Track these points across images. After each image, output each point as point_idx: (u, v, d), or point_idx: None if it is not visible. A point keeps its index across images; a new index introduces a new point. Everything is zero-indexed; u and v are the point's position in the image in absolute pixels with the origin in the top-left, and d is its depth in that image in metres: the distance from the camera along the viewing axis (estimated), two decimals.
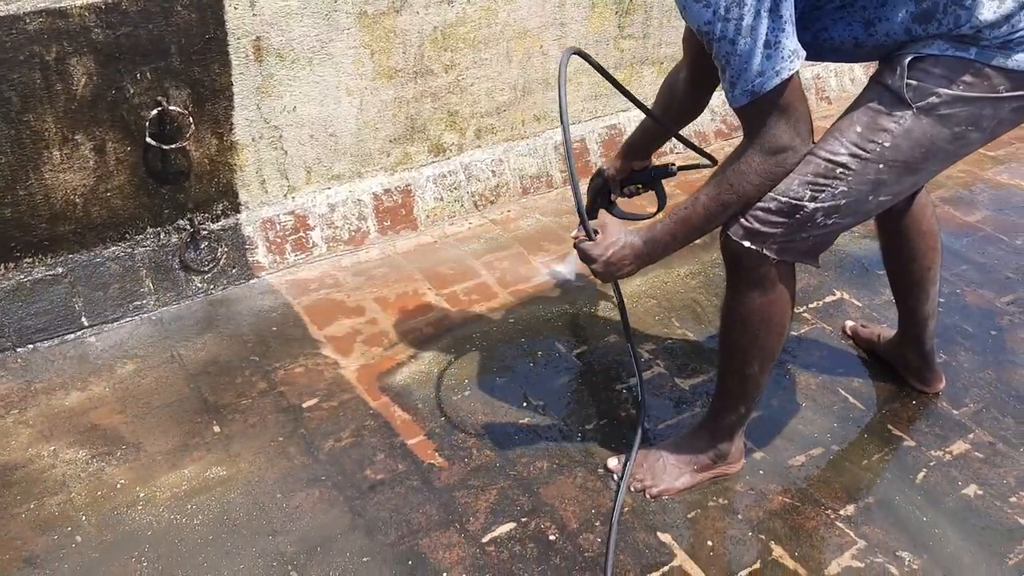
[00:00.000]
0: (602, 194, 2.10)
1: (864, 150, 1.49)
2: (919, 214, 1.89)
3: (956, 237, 2.74)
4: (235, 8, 2.21)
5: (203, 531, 1.74)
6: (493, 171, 2.85)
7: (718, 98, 3.29)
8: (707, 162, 1.89)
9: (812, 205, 1.51)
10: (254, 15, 2.24)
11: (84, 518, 1.76)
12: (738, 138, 3.34)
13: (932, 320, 2.04)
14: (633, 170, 2.02)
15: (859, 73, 3.66)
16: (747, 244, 1.56)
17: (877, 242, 2.01)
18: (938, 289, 2.01)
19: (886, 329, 2.23)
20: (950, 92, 1.45)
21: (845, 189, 1.51)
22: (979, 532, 1.76)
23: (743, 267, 1.59)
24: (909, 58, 1.46)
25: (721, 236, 1.60)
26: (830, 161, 1.50)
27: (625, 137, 2.84)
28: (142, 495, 1.82)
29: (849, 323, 2.31)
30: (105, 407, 2.03)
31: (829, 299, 2.45)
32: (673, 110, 1.90)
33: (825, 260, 2.55)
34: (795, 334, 2.30)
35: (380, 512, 1.79)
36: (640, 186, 2.03)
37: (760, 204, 1.53)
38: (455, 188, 2.78)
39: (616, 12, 2.90)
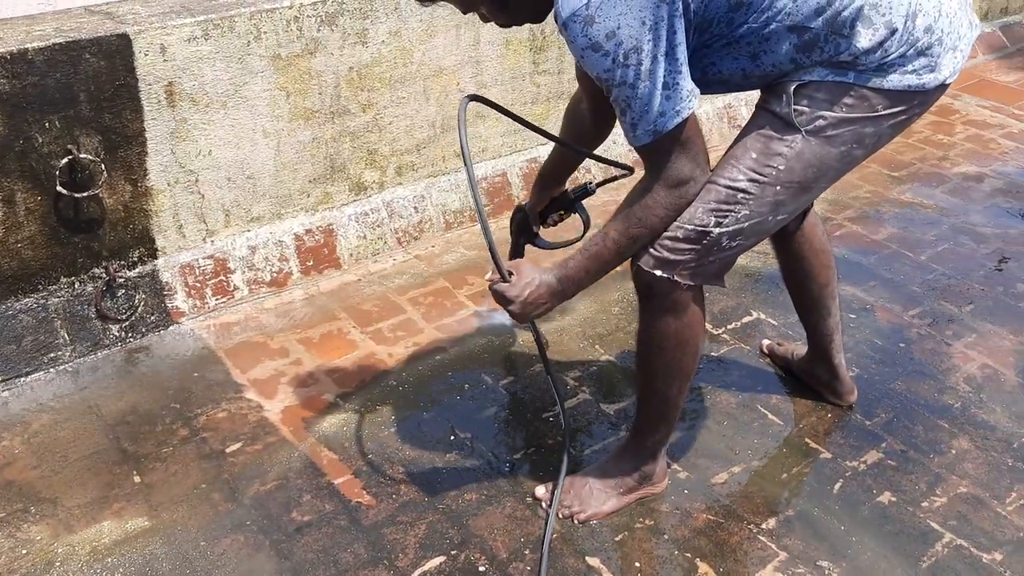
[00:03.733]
0: (524, 230, 2.13)
1: (761, 175, 1.56)
2: (810, 233, 1.97)
3: (864, 254, 2.84)
4: (145, 54, 2.20)
5: None
6: (415, 207, 2.87)
7: None
8: (624, 171, 1.90)
9: (717, 230, 1.57)
10: (165, 60, 2.24)
11: None
12: None
13: (837, 335, 2.11)
14: (552, 198, 2.06)
15: None
16: (658, 273, 1.60)
17: None
18: (838, 304, 2.09)
19: (799, 346, 2.29)
20: (834, 115, 1.53)
21: (747, 212, 1.57)
22: (894, 537, 1.82)
23: (656, 294, 1.64)
24: (794, 85, 1.54)
25: (632, 267, 1.65)
26: (730, 187, 1.56)
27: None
28: (60, 551, 1.76)
29: (766, 342, 2.38)
30: (19, 462, 1.98)
31: (746, 319, 2.52)
32: (581, 137, 1.96)
33: (741, 282, 2.64)
34: (714, 354, 2.35)
35: (307, 554, 1.77)
36: (562, 212, 2.06)
37: (668, 234, 1.58)
38: (378, 226, 2.79)
39: (530, 49, 2.97)
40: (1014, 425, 2.13)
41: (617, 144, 2.66)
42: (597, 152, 1.96)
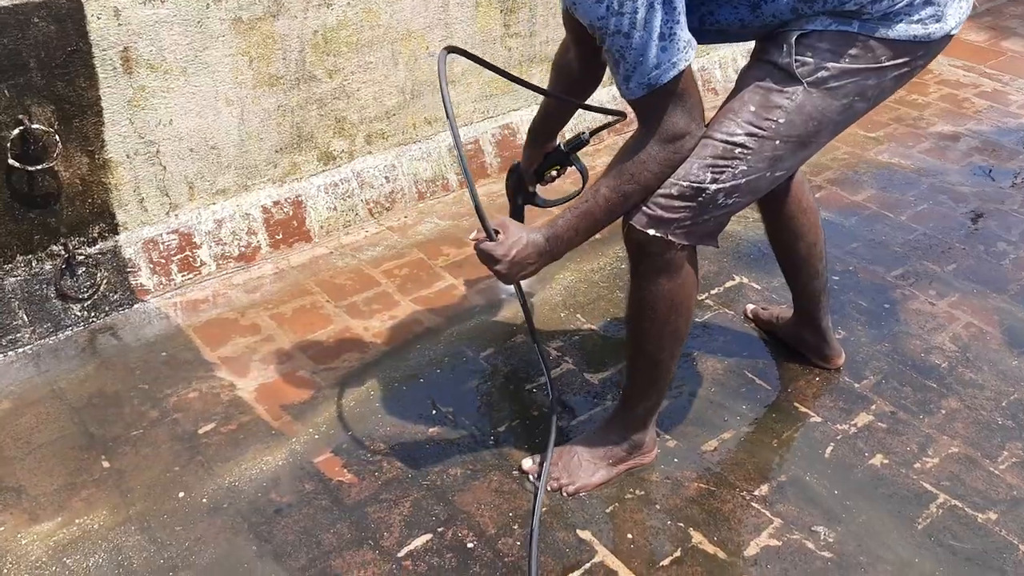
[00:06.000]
0: (521, 190, 2.07)
1: (760, 128, 1.50)
2: (798, 192, 1.92)
3: (845, 216, 2.81)
4: (98, 18, 2.08)
5: (96, 575, 1.62)
6: (387, 177, 2.79)
7: (607, 93, 3.33)
8: (617, 117, 1.81)
9: (714, 187, 1.51)
10: (120, 25, 2.12)
11: None
12: (630, 131, 3.38)
13: (824, 296, 2.07)
14: (545, 154, 1.99)
15: (743, 64, 3.74)
16: (651, 232, 1.54)
17: None
18: (825, 265, 2.05)
19: (785, 310, 2.26)
20: (838, 65, 1.47)
21: (745, 168, 1.51)
22: (888, 500, 1.79)
23: (648, 255, 1.57)
24: (796, 35, 1.48)
25: (624, 226, 1.59)
26: (728, 142, 1.50)
27: (521, 135, 2.82)
28: (25, 542, 1.68)
29: (750, 306, 2.34)
30: None
31: (729, 284, 2.47)
32: (569, 89, 1.88)
33: (723, 246, 2.58)
34: (699, 320, 2.31)
35: (288, 535, 1.70)
36: (558, 167, 2.00)
37: (661, 191, 1.52)
38: (348, 196, 2.70)
39: (501, 10, 2.88)
40: (1002, 383, 2.11)
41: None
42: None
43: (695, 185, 1.51)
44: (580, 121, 3.02)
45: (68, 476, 1.83)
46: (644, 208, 1.53)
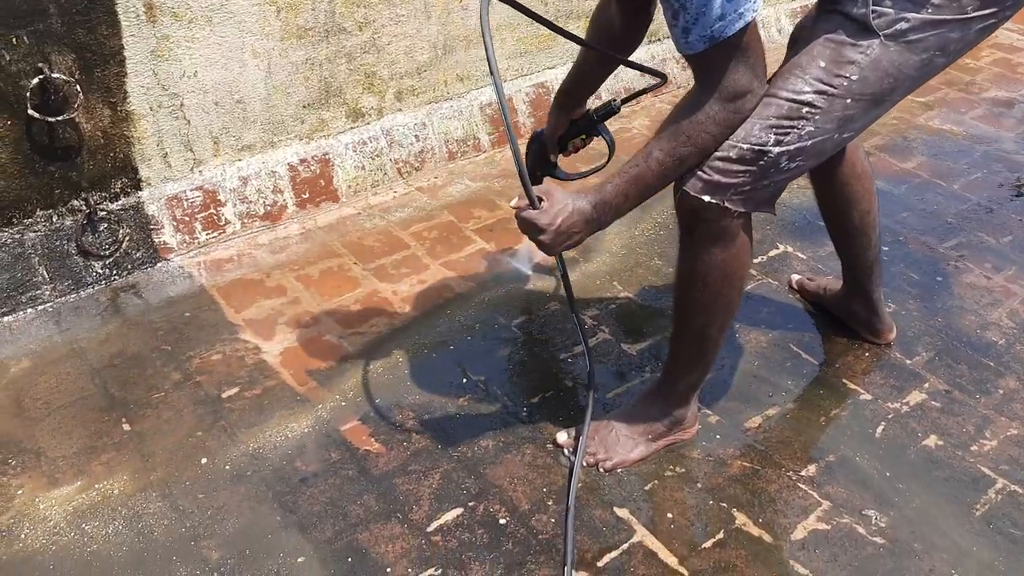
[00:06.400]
0: (542, 160, 1.92)
1: (831, 86, 1.39)
2: (852, 156, 1.80)
3: (894, 184, 2.68)
4: None
5: (116, 541, 1.56)
6: (416, 136, 2.69)
7: (647, 52, 3.20)
8: (657, 80, 1.69)
9: (777, 149, 1.40)
10: None
11: None
12: (669, 93, 3.26)
13: (877, 267, 1.97)
14: (572, 121, 1.86)
15: (786, 24, 3.59)
16: (706, 198, 1.44)
17: None
18: (879, 234, 1.94)
19: (832, 281, 2.15)
20: (919, 16, 1.35)
21: (812, 129, 1.40)
22: (943, 484, 1.70)
23: (702, 222, 1.47)
24: None
25: (676, 192, 1.48)
26: (794, 101, 1.39)
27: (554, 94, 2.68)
28: (43, 507, 1.63)
29: (795, 276, 2.23)
30: None
31: (773, 253, 2.37)
32: (611, 46, 1.74)
33: (766, 214, 2.47)
34: None
35: (313, 506, 1.64)
36: (583, 137, 1.86)
37: (719, 154, 1.41)
38: (377, 155, 2.61)
39: None
40: None
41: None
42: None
43: (756, 147, 1.40)
44: (611, 87, 2.90)
45: (88, 439, 1.77)
46: (699, 172, 1.43)
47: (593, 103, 1.86)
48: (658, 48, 3.17)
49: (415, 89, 2.67)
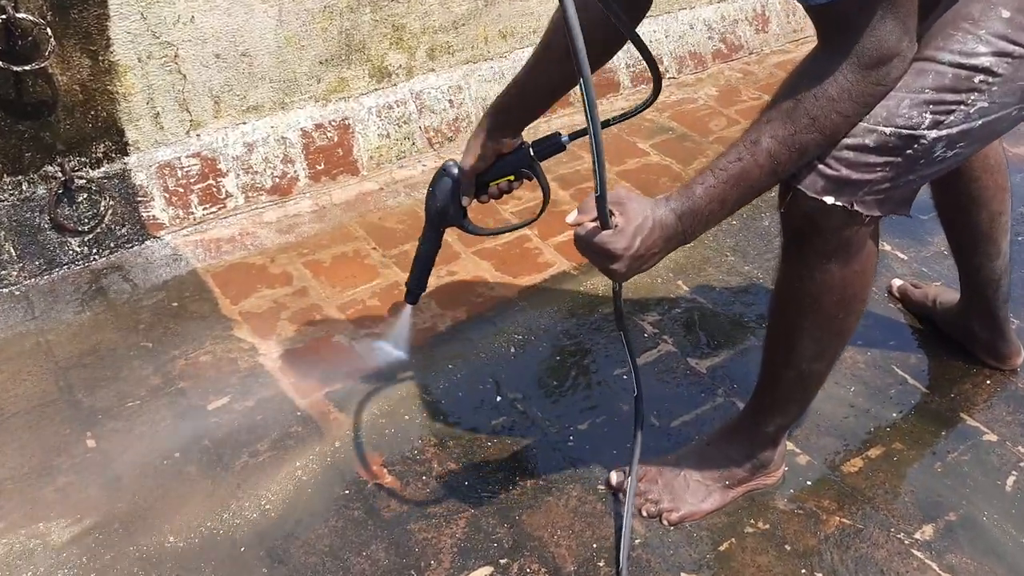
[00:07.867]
0: (450, 204, 1.46)
1: (1018, 44, 1.02)
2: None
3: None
4: None
5: None
6: (450, 101, 2.34)
7: (716, 12, 2.82)
8: (648, 97, 1.31)
9: (933, 134, 1.04)
10: None
11: None
12: (740, 60, 2.88)
13: (1005, 280, 1.62)
14: (500, 154, 1.41)
15: None
16: (829, 200, 1.07)
17: None
18: (1010, 241, 1.58)
19: (944, 290, 1.80)
20: None
21: (985, 105, 1.04)
22: None
23: (820, 231, 1.11)
24: None
25: (785, 193, 1.13)
26: (963, 66, 1.02)
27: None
28: None
29: (897, 282, 1.88)
30: None
31: None
32: (602, 23, 1.24)
33: None
34: None
35: (308, 557, 1.33)
36: (511, 179, 1.43)
37: (848, 142, 1.05)
38: (404, 122, 2.27)
39: None
40: None
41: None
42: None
43: (905, 131, 1.03)
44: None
45: (43, 455, 1.48)
46: (820, 167, 1.06)
47: (528, 136, 1.42)
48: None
49: (450, 46, 2.32)
